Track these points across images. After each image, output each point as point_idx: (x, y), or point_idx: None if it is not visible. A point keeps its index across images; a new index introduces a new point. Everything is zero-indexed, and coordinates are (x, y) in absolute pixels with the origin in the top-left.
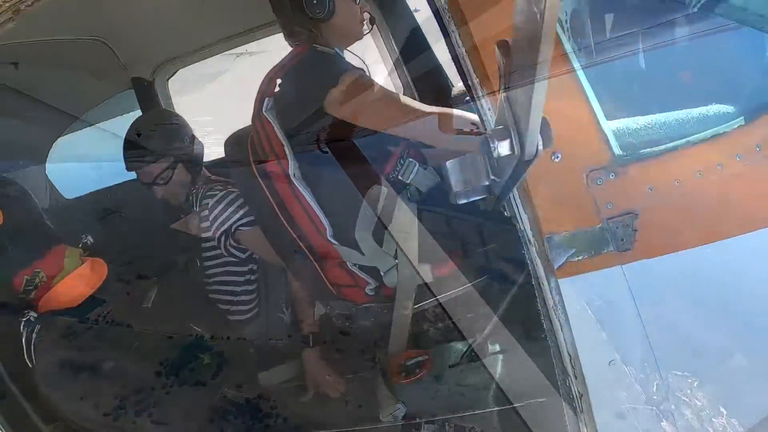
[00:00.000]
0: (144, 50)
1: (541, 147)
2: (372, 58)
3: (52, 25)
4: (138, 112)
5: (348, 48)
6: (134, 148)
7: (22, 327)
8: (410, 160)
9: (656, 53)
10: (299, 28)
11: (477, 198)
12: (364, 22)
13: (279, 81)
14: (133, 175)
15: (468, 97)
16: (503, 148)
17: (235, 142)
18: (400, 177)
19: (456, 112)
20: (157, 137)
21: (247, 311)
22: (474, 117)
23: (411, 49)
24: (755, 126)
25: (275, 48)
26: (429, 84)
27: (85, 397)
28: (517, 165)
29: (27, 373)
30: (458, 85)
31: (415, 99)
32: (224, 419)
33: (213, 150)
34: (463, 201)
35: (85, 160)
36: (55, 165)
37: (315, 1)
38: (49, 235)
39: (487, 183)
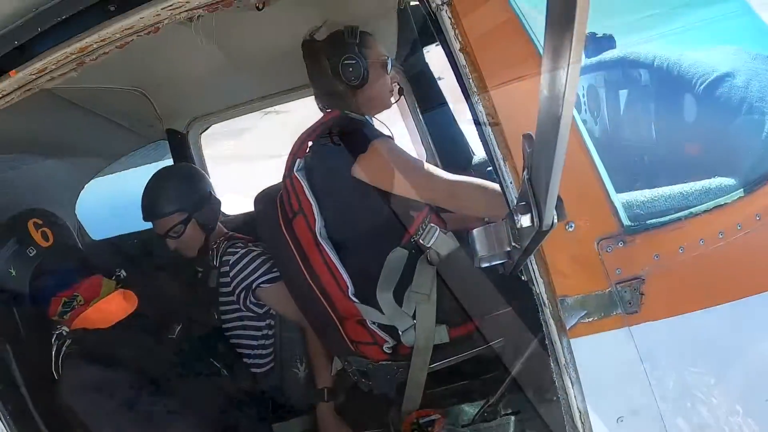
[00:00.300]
0: (180, 103)
1: (556, 220)
2: (396, 126)
3: (96, 71)
4: (170, 162)
5: (376, 116)
6: (150, 200)
7: (53, 339)
8: (431, 225)
9: (663, 129)
10: (333, 94)
11: (497, 263)
12: (394, 92)
13: (310, 143)
14: None
15: (489, 167)
16: (525, 220)
17: (264, 198)
18: (421, 240)
19: (477, 180)
20: (173, 192)
21: (263, 365)
22: (494, 186)
23: (435, 118)
24: (754, 197)
25: (299, 108)
26: (451, 152)
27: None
28: (535, 235)
29: (50, 387)
30: (479, 155)
31: (437, 166)
32: None
33: (236, 205)
34: (485, 265)
35: (115, 204)
36: (86, 205)
37: (351, 69)
38: (88, 265)
39: (508, 249)
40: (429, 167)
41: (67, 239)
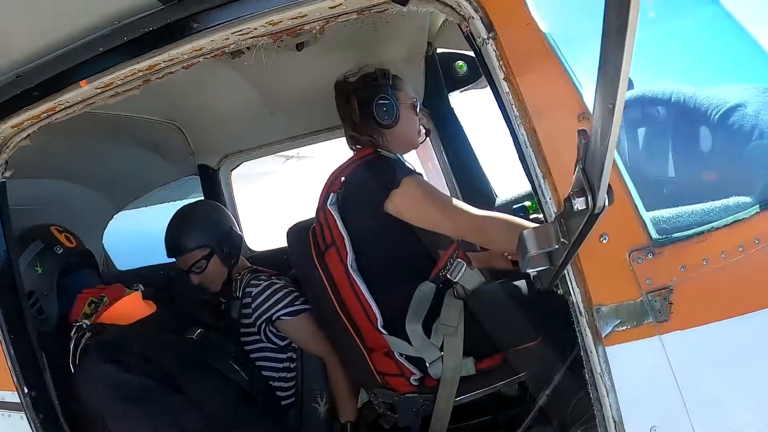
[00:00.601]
0: (214, 139)
1: (607, 203)
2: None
3: (134, 101)
4: (200, 197)
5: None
6: (174, 236)
7: (73, 332)
8: (458, 260)
9: (681, 160)
10: (364, 133)
11: (541, 268)
12: (421, 133)
13: (343, 179)
14: None
15: (514, 206)
16: (580, 203)
17: (296, 231)
18: (448, 275)
19: (504, 216)
20: (195, 228)
21: (284, 398)
22: (520, 221)
23: (459, 159)
24: None
25: (321, 154)
26: (474, 193)
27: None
28: (588, 218)
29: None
30: (501, 197)
31: None
32: None
33: (259, 242)
34: (530, 270)
35: (142, 236)
36: (113, 236)
37: (384, 109)
38: (113, 275)
39: (556, 247)
40: (458, 203)
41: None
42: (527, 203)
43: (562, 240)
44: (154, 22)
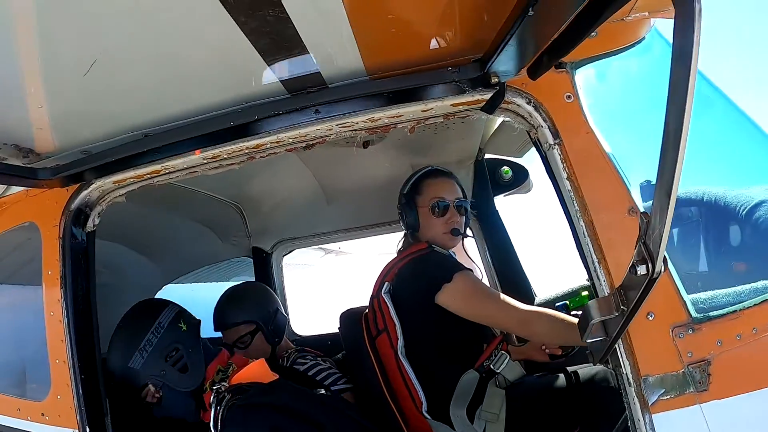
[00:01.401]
0: (270, 224)
1: (662, 269)
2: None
3: (200, 177)
4: (251, 278)
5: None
6: (222, 310)
7: (212, 399)
8: (503, 352)
9: (717, 246)
10: (414, 227)
11: (598, 339)
12: (453, 233)
13: (398, 270)
14: None
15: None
16: (642, 269)
17: (349, 316)
18: (492, 365)
19: (548, 311)
20: (243, 304)
21: None
22: (563, 316)
23: (502, 258)
24: None
25: (360, 251)
26: (515, 291)
27: None
28: (647, 282)
29: None
30: (541, 296)
31: None
32: None
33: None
34: (589, 340)
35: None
36: None
37: (406, 217)
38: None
39: (616, 314)
40: (506, 298)
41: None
42: (567, 302)
43: (622, 307)
44: (282, 106)
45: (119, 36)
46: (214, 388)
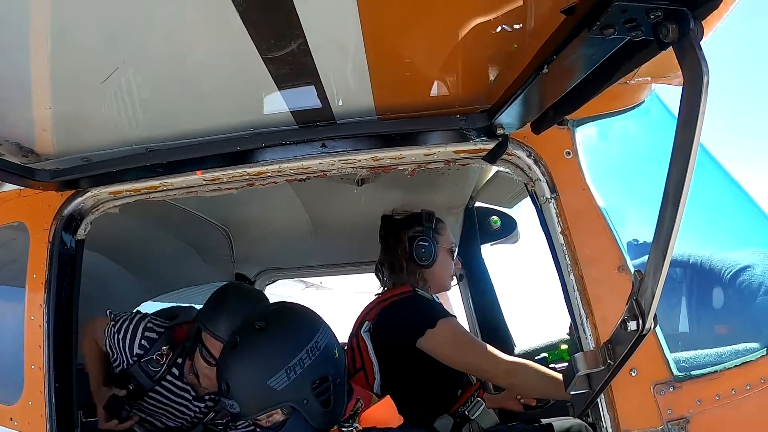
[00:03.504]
0: (257, 252)
1: (652, 325)
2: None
3: (192, 199)
4: None
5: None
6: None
7: None
8: (478, 399)
9: (702, 307)
10: (401, 269)
11: (581, 392)
12: (455, 277)
13: (380, 310)
14: None
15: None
16: (633, 325)
17: None
18: (467, 412)
19: (531, 363)
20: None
21: None
22: (545, 369)
23: (484, 307)
24: None
25: (341, 287)
26: (495, 340)
27: None
28: (636, 338)
29: None
30: (521, 346)
31: None
32: None
33: None
34: (573, 392)
35: None
36: None
37: (423, 250)
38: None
39: (602, 368)
40: (488, 347)
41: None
42: (546, 354)
43: (608, 362)
44: (289, 137)
45: (141, 48)
46: (344, 429)
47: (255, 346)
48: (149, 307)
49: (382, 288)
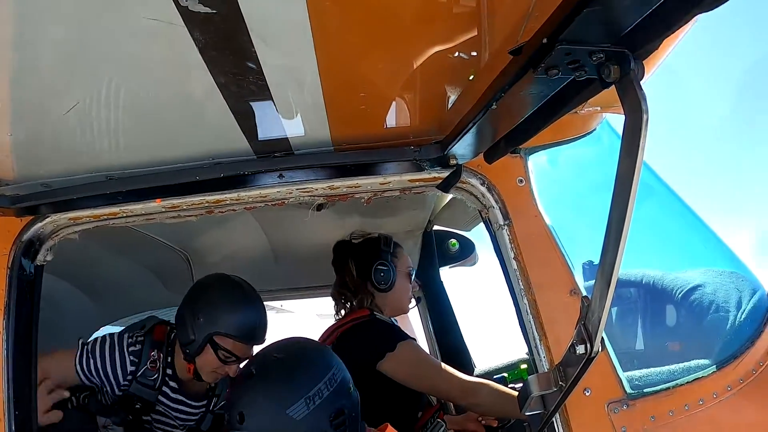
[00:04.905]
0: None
1: (599, 349)
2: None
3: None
4: None
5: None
6: None
7: None
8: (439, 420)
9: (653, 326)
10: (358, 294)
11: (536, 412)
12: (412, 300)
13: (339, 334)
14: None
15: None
16: (581, 349)
17: None
18: None
19: (489, 382)
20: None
21: None
22: (503, 388)
23: (444, 329)
24: (724, 372)
25: (303, 310)
26: (455, 362)
27: None
28: (585, 361)
29: None
30: (480, 367)
31: None
32: None
33: None
34: (528, 413)
35: None
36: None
37: (382, 274)
38: None
39: (554, 389)
40: (448, 368)
41: None
42: (506, 374)
43: (560, 383)
44: (247, 167)
45: (103, 79)
46: None
47: (274, 374)
48: (107, 331)
49: (337, 313)
